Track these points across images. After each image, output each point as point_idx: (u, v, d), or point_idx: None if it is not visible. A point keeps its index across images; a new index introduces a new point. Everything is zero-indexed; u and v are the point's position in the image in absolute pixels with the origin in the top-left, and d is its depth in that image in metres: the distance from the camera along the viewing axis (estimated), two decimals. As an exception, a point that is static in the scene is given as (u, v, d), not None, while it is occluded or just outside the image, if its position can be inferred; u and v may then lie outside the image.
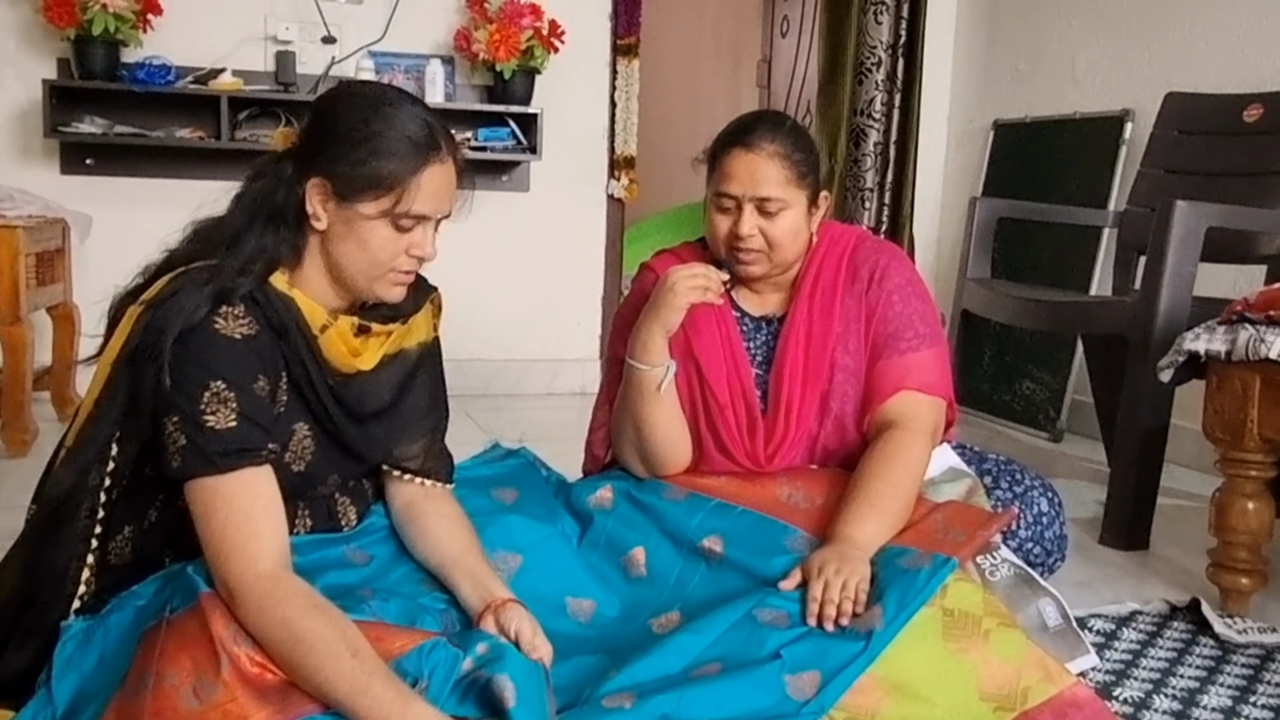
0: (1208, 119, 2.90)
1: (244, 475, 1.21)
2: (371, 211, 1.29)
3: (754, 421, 1.71)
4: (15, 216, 2.68)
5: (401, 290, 1.36)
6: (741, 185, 1.64)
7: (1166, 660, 1.73)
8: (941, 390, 1.72)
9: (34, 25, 3.25)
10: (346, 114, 1.30)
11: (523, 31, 3.48)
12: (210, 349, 1.21)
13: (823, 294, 1.73)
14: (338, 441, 1.36)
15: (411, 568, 1.41)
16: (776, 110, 1.78)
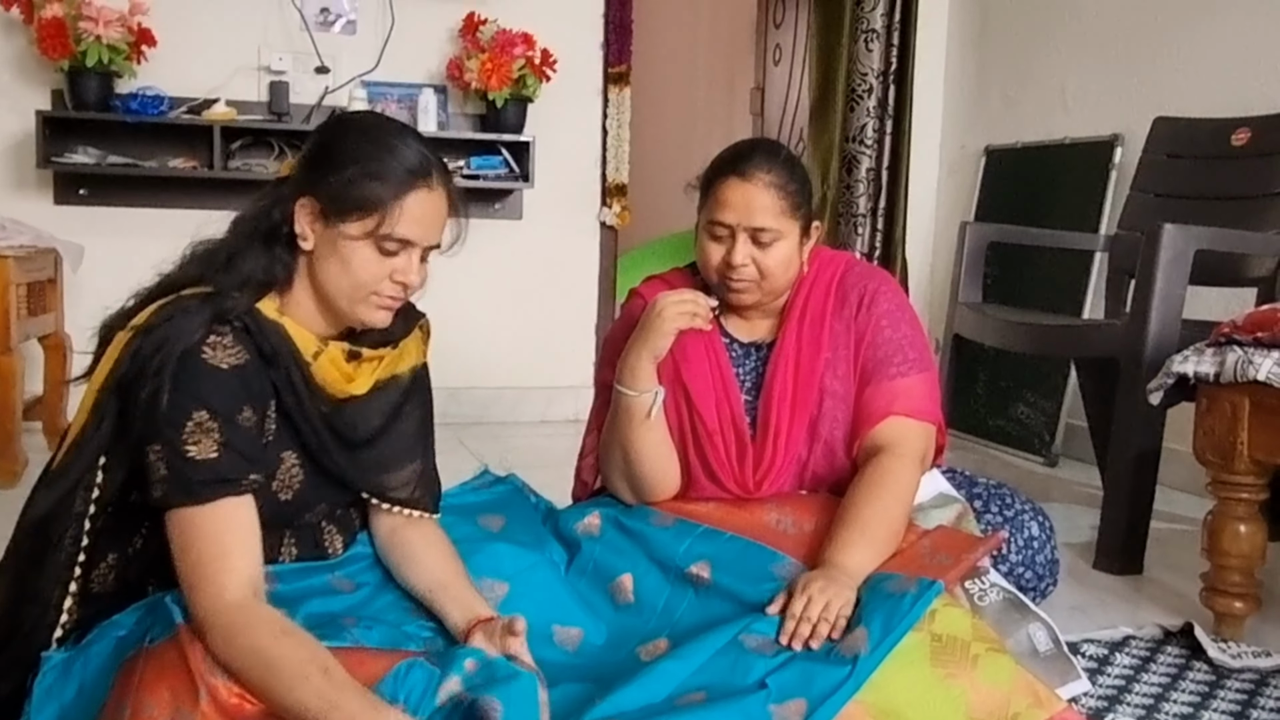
0: (1196, 143, 2.91)
1: (223, 506, 1.21)
2: (355, 232, 1.29)
3: (743, 448, 1.70)
4: (6, 246, 2.68)
5: (386, 315, 1.36)
6: (736, 214, 1.63)
7: (1159, 686, 1.72)
8: (930, 415, 1.71)
9: (28, 56, 3.27)
10: (342, 139, 1.32)
11: (515, 60, 3.50)
12: (197, 379, 1.21)
13: (811, 320, 1.72)
14: (326, 470, 1.36)
15: (397, 596, 1.40)
16: (771, 139, 1.78)
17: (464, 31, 3.59)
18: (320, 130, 1.37)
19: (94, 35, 3.10)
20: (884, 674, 1.35)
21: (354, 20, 3.61)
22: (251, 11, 3.49)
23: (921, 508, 1.73)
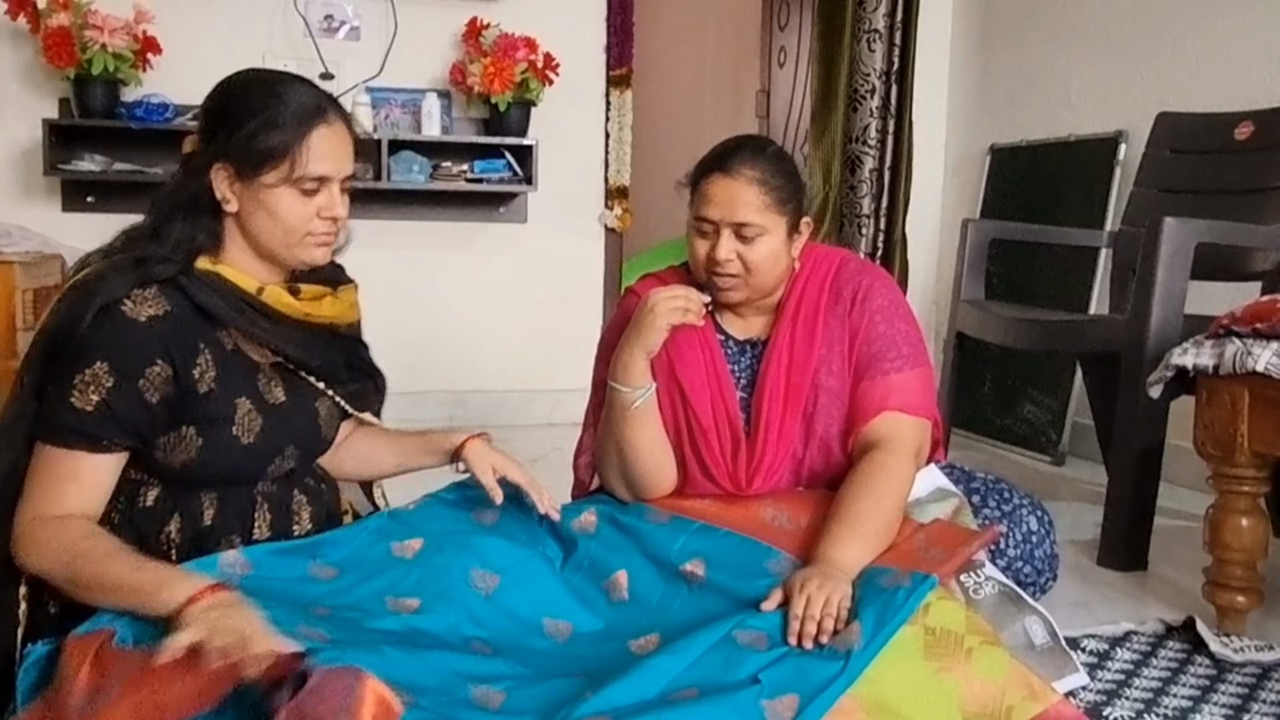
0: (1199, 138, 2.90)
1: (76, 456, 1.28)
2: (273, 181, 1.35)
3: (737, 444, 1.70)
4: (12, 253, 2.70)
5: (326, 251, 1.43)
6: (719, 210, 1.64)
7: (1159, 680, 1.71)
8: (925, 411, 1.71)
9: (35, 66, 3.31)
10: (234, 100, 1.37)
11: (517, 64, 3.51)
12: (109, 331, 1.27)
13: (805, 317, 1.72)
14: (288, 413, 1.43)
15: (380, 587, 1.40)
16: (759, 136, 1.79)
17: (467, 36, 3.61)
18: (210, 98, 1.41)
19: (100, 44, 3.13)
20: (877, 667, 1.34)
21: (358, 26, 3.63)
22: (256, 19, 3.51)
23: (919, 502, 1.72)
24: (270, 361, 1.44)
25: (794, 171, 1.72)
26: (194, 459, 1.35)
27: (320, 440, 1.51)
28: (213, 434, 1.35)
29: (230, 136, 1.34)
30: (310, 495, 1.50)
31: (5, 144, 3.36)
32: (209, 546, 1.36)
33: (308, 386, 1.48)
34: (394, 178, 3.51)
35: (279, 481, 1.46)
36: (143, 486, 1.36)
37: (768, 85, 5.11)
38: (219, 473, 1.38)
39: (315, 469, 1.55)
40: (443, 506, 1.59)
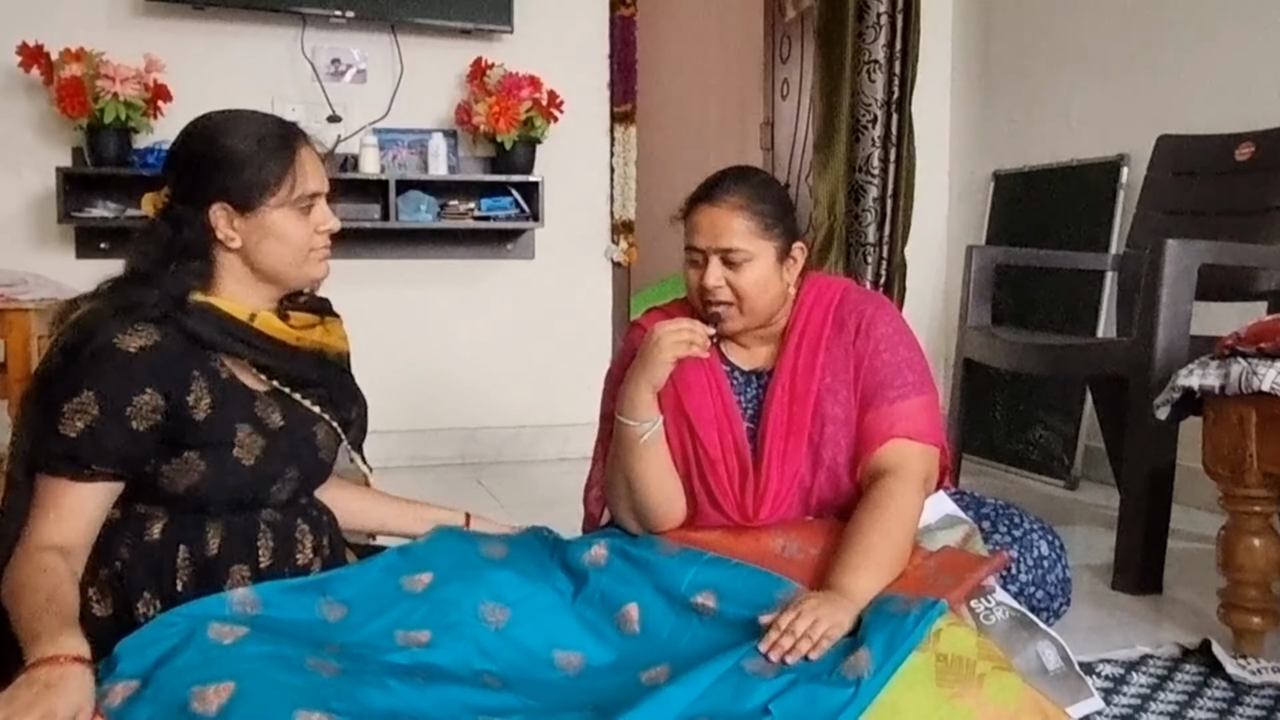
0: (1201, 159, 2.91)
1: (59, 483, 1.31)
2: (275, 210, 1.43)
3: (745, 474, 1.71)
4: (28, 300, 2.74)
5: (327, 265, 1.51)
6: (705, 238, 1.68)
7: (1176, 704, 1.70)
8: (932, 438, 1.72)
9: (49, 116, 3.36)
10: (211, 144, 1.41)
11: (522, 103, 3.56)
12: (99, 361, 1.31)
13: (808, 346, 1.74)
14: (287, 437, 1.45)
15: (387, 624, 1.41)
16: (746, 166, 1.83)
17: (472, 76, 3.66)
18: (183, 149, 1.45)
19: (111, 93, 3.18)
20: (890, 695, 1.35)
21: (364, 69, 3.68)
22: (263, 64, 3.57)
23: (928, 530, 1.72)
24: (266, 389, 1.47)
25: (781, 198, 1.75)
26: (197, 483, 1.37)
27: (320, 464, 1.54)
28: (214, 458, 1.38)
29: (221, 179, 1.39)
30: (312, 524, 1.52)
31: (20, 193, 3.41)
32: (216, 576, 1.39)
33: (304, 411, 1.51)
34: (402, 217, 3.54)
35: (283, 510, 1.48)
36: (148, 520, 1.38)
37: (771, 117, 5.15)
38: (223, 496, 1.40)
39: (316, 501, 1.57)
40: (453, 540, 1.60)
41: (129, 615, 1.34)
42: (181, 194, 1.42)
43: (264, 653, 1.24)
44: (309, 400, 1.51)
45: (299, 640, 1.31)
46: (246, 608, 1.35)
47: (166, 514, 1.39)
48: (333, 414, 1.55)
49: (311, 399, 1.52)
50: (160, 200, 1.44)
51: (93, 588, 1.35)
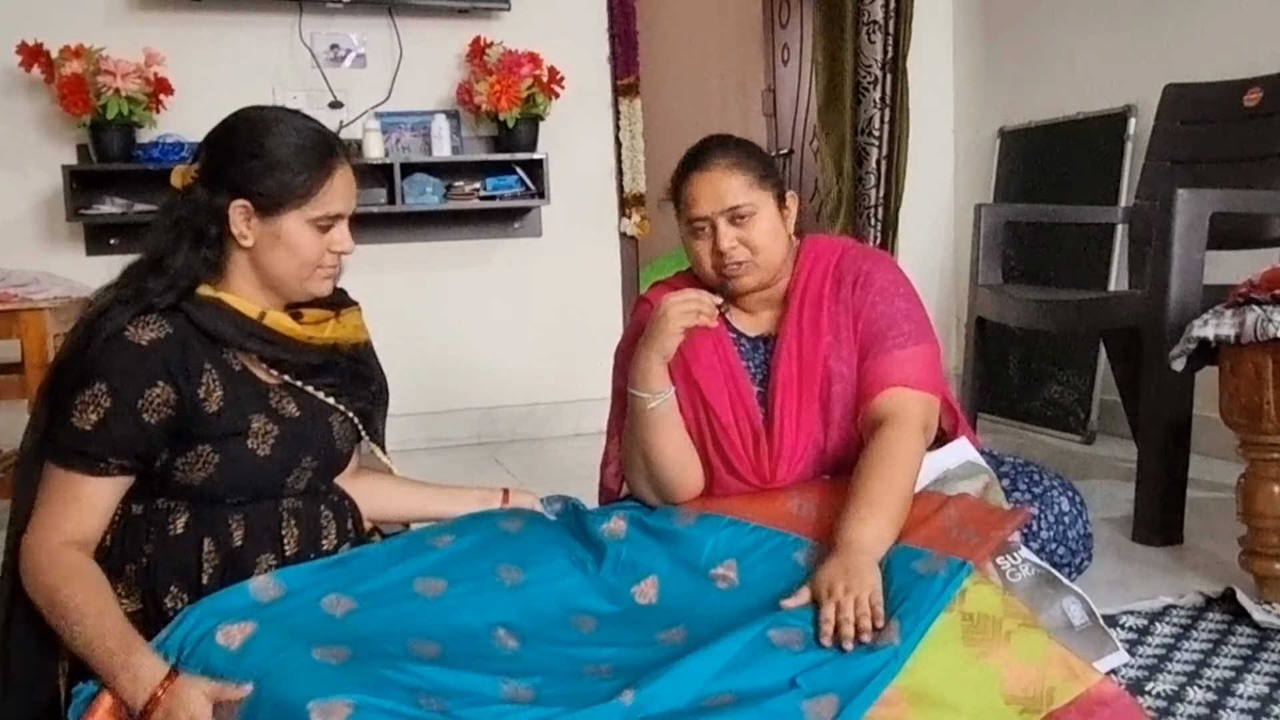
0: (1208, 107, 2.89)
1: (76, 478, 1.32)
2: (294, 220, 1.42)
3: (758, 438, 1.72)
4: (42, 299, 2.75)
5: (330, 284, 1.49)
6: (708, 204, 1.70)
7: (1201, 652, 1.70)
8: (930, 386, 1.72)
9: (52, 114, 3.36)
10: (251, 139, 1.40)
11: (523, 80, 3.54)
12: (110, 355, 1.32)
13: (811, 306, 1.75)
14: (302, 426, 1.46)
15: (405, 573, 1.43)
16: (720, 134, 1.86)
17: (471, 56, 3.65)
18: (222, 135, 1.44)
19: (113, 89, 3.18)
20: (917, 657, 1.35)
21: (363, 54, 3.67)
22: (264, 53, 3.56)
23: (948, 476, 1.73)
24: (279, 382, 1.48)
25: (761, 154, 1.79)
26: (213, 475, 1.38)
27: (336, 453, 1.54)
28: (228, 450, 1.39)
29: (251, 176, 1.39)
30: (335, 510, 1.53)
31: (28, 193, 3.42)
32: (243, 566, 1.40)
33: (318, 402, 1.52)
34: (408, 200, 3.54)
35: (304, 498, 1.49)
36: (170, 515, 1.39)
37: (773, 83, 5.12)
38: (239, 486, 1.41)
39: (336, 488, 1.58)
40: (471, 516, 1.62)
41: (158, 610, 1.35)
42: (208, 178, 1.41)
43: (273, 650, 1.25)
44: (322, 392, 1.52)
45: (309, 626, 1.32)
46: (269, 593, 1.36)
47: (188, 509, 1.40)
48: (348, 405, 1.55)
49: (325, 391, 1.52)
50: (189, 176, 1.43)
51: (120, 583, 1.36)
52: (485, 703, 1.23)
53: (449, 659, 1.32)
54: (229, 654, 1.24)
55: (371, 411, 1.61)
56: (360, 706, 1.15)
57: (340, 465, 1.58)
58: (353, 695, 1.17)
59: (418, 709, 1.18)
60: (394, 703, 1.18)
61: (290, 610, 1.34)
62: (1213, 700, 1.53)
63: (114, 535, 1.38)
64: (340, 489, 1.59)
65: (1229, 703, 1.52)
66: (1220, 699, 1.53)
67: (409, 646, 1.32)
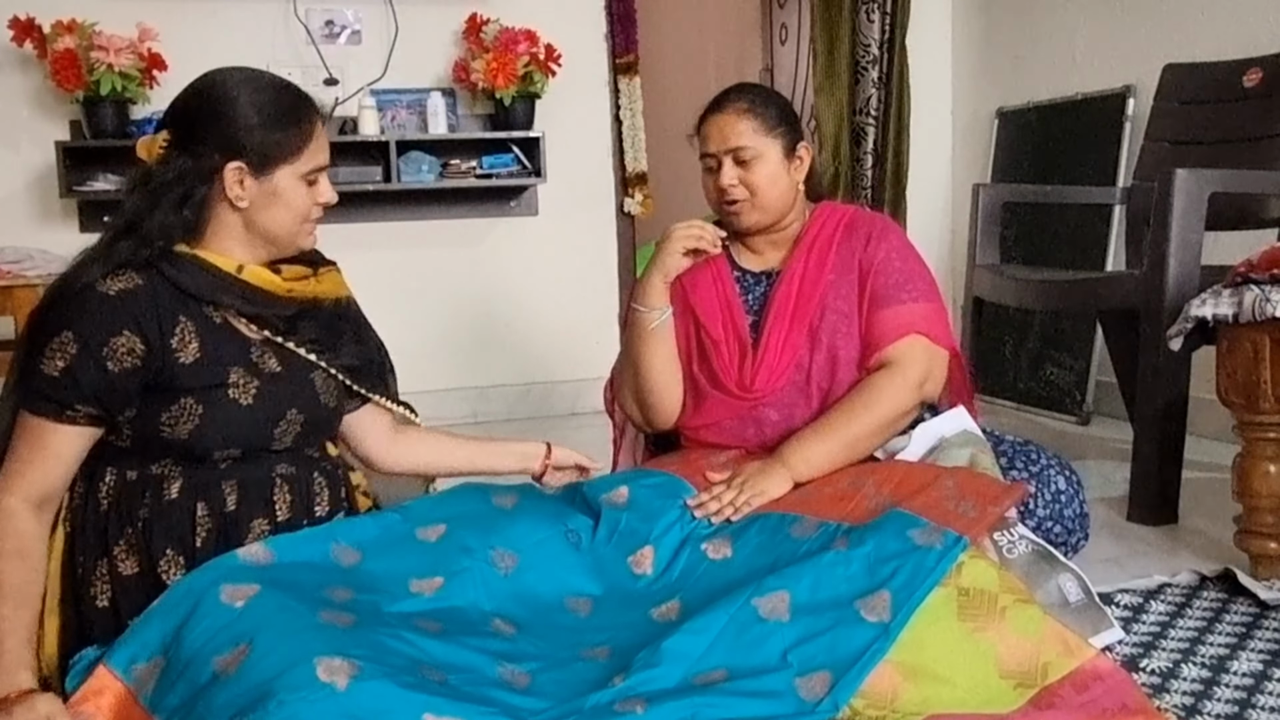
0: (1208, 88, 2.88)
1: (45, 425, 1.34)
2: (287, 177, 1.44)
3: (744, 352, 1.83)
4: (35, 275, 2.75)
5: (314, 237, 1.53)
6: (716, 142, 1.83)
7: (1195, 630, 1.71)
8: (945, 341, 1.83)
9: (44, 90, 3.34)
10: (228, 102, 1.41)
11: (519, 58, 3.52)
12: (79, 304, 1.33)
13: (819, 249, 1.86)
14: (283, 381, 1.47)
15: (401, 571, 1.43)
16: (747, 82, 1.98)
17: (467, 33, 3.62)
18: (202, 100, 1.43)
19: (106, 64, 3.16)
20: (911, 631, 1.36)
21: (359, 30, 3.64)
22: (258, 28, 3.53)
23: (945, 443, 1.75)
24: (261, 337, 1.48)
25: (783, 105, 1.90)
26: (199, 427, 1.39)
27: (322, 409, 1.53)
28: (210, 400, 1.39)
29: (240, 137, 1.39)
30: (328, 478, 1.54)
31: (21, 169, 3.40)
32: (237, 531, 1.41)
33: (299, 359, 1.52)
34: (404, 178, 3.53)
35: (297, 463, 1.49)
36: (165, 480, 1.39)
37: (771, 63, 5.10)
38: (226, 438, 1.41)
39: (331, 456, 1.57)
40: (464, 493, 1.62)
41: (154, 574, 1.36)
42: (189, 145, 1.40)
43: (277, 609, 1.25)
44: (304, 348, 1.52)
45: (311, 592, 1.32)
46: (258, 558, 1.36)
47: (182, 473, 1.40)
48: (330, 360, 1.55)
49: (306, 347, 1.52)
50: (158, 146, 1.42)
51: (119, 546, 1.37)
52: (483, 683, 1.23)
53: (449, 637, 1.32)
54: (233, 611, 1.24)
55: (362, 368, 1.61)
56: (365, 667, 1.15)
57: (331, 423, 1.58)
58: (359, 656, 1.17)
59: (419, 677, 1.18)
60: (397, 668, 1.18)
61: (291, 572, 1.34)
62: (1207, 677, 1.53)
63: (110, 500, 1.38)
64: (335, 457, 1.59)
65: (1223, 679, 1.52)
66: (1215, 675, 1.54)
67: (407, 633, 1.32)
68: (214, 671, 1.18)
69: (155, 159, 1.41)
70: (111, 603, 1.36)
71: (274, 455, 1.47)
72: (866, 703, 1.30)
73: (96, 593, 1.36)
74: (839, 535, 1.51)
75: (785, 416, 1.78)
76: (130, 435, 1.38)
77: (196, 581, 1.30)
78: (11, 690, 1.22)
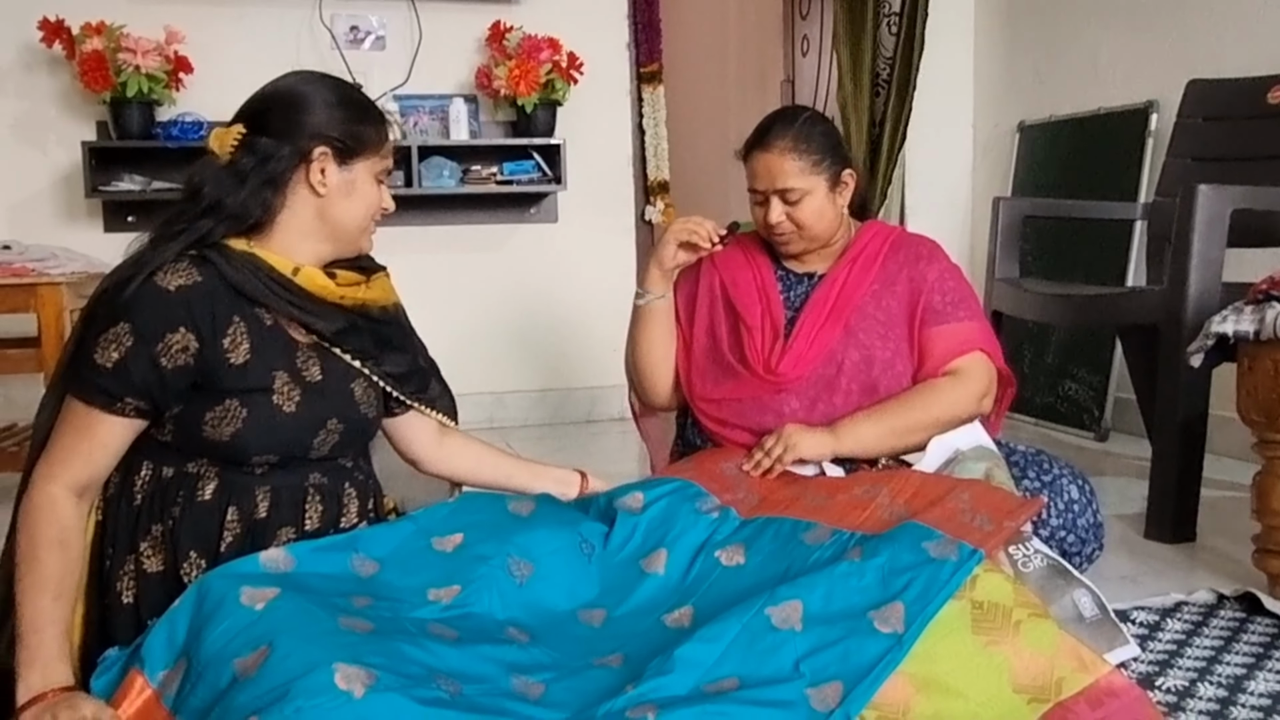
0: (1231, 104, 2.86)
1: (94, 414, 1.34)
2: (365, 171, 1.48)
3: (776, 336, 1.91)
4: (59, 274, 2.77)
5: (372, 241, 1.56)
6: (763, 181, 1.89)
7: (1212, 649, 1.69)
8: (999, 362, 1.91)
9: (72, 91, 3.38)
10: (319, 91, 1.44)
11: (542, 65, 3.54)
12: (136, 297, 1.33)
13: (863, 261, 1.94)
14: (323, 390, 1.47)
15: (418, 583, 1.43)
16: (792, 107, 2.08)
17: (491, 40, 3.64)
18: (283, 91, 1.45)
19: (133, 66, 3.19)
20: (924, 644, 1.35)
21: (383, 36, 3.67)
22: (284, 33, 3.57)
23: (960, 456, 1.74)
24: (309, 341, 1.48)
25: (827, 132, 1.94)
26: (241, 430, 1.38)
27: (361, 418, 1.53)
28: (254, 404, 1.39)
29: (332, 124, 1.43)
30: (359, 488, 1.53)
31: (47, 169, 3.44)
32: (263, 538, 1.40)
33: (343, 365, 1.52)
34: (425, 183, 3.55)
35: (330, 473, 1.49)
36: (200, 480, 1.39)
37: (792, 75, 5.11)
38: (267, 444, 1.41)
39: (362, 464, 1.58)
40: (481, 501, 1.62)
41: (175, 575, 1.36)
42: (276, 130, 1.41)
43: (297, 613, 1.26)
44: (349, 355, 1.52)
45: (331, 598, 1.32)
46: (279, 565, 1.36)
47: (218, 475, 1.40)
48: (373, 369, 1.55)
49: (351, 354, 1.52)
50: (234, 137, 1.41)
51: (145, 543, 1.37)
52: (497, 694, 1.23)
53: (464, 645, 1.32)
54: (253, 613, 1.25)
55: (408, 374, 1.62)
56: (382, 678, 1.15)
57: (368, 431, 1.58)
58: (376, 665, 1.17)
59: (435, 689, 1.19)
60: (413, 678, 1.18)
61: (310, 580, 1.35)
62: (1224, 697, 1.52)
63: (145, 495, 1.39)
64: (366, 466, 1.59)
65: (1240, 699, 1.51)
66: (1231, 695, 1.52)
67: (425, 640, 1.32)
68: (234, 673, 1.18)
69: (228, 150, 1.41)
70: (135, 599, 1.36)
71: (310, 464, 1.47)
72: (878, 714, 1.29)
73: (123, 588, 1.36)
74: (853, 545, 1.51)
75: (805, 408, 1.83)
76: (172, 430, 1.39)
77: (216, 582, 1.30)
78: (52, 685, 1.23)
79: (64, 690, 1.23)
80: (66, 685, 1.24)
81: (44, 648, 1.25)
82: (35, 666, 1.24)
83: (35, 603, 1.27)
